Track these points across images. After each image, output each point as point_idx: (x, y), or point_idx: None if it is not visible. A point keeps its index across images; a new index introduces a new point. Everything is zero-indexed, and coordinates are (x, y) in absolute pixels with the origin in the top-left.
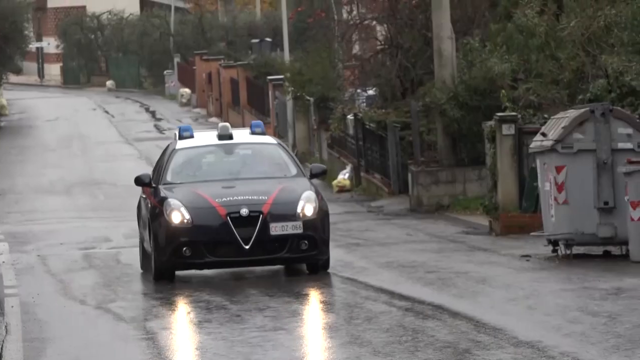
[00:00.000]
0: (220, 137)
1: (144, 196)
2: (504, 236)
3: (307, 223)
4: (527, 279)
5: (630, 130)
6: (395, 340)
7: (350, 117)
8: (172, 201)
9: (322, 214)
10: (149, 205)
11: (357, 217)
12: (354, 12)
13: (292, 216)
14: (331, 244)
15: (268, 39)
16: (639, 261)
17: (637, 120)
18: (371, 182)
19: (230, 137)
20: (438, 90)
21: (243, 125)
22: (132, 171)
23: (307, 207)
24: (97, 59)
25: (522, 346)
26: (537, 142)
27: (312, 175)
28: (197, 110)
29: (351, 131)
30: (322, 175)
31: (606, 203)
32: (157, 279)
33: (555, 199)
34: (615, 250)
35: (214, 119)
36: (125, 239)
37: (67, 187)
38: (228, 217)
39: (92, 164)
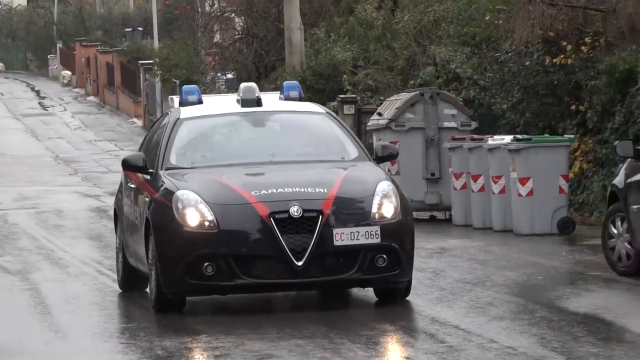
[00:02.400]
0: (243, 103)
1: (131, 185)
2: None
3: (387, 229)
4: None
5: (454, 111)
6: None
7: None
8: (186, 194)
9: (406, 215)
10: (146, 200)
11: None
12: (215, 6)
13: (364, 218)
14: None
15: (140, 28)
16: (460, 225)
17: (461, 103)
18: None
19: (259, 102)
20: (288, 75)
21: (117, 107)
22: (19, 143)
23: (385, 206)
24: None
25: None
26: (374, 121)
27: (379, 159)
28: (77, 90)
29: None
30: (393, 158)
31: (433, 174)
32: (161, 310)
33: (389, 170)
34: (440, 215)
35: (91, 98)
36: (12, 202)
37: None
38: (271, 219)
39: None
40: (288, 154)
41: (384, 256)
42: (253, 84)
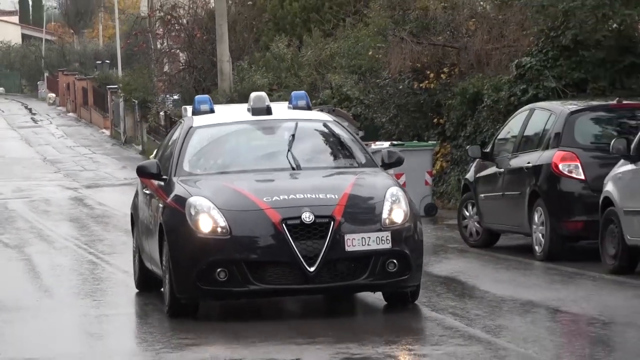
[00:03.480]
0: (254, 112)
1: (146, 191)
2: None
3: (397, 234)
4: None
5: (346, 124)
6: None
7: (162, 113)
8: (198, 200)
9: (415, 221)
10: (160, 205)
11: None
12: (165, 44)
13: (375, 224)
14: None
15: (107, 61)
16: None
17: (351, 117)
18: None
19: (269, 111)
20: (220, 96)
21: (90, 121)
22: (16, 148)
23: (395, 211)
24: None
25: None
26: None
27: (386, 165)
28: (60, 108)
29: (162, 122)
30: (399, 164)
31: None
32: (175, 315)
33: None
34: None
35: (71, 114)
36: (11, 193)
37: None
38: (283, 225)
39: None
40: (301, 161)
41: (395, 261)
42: (263, 93)
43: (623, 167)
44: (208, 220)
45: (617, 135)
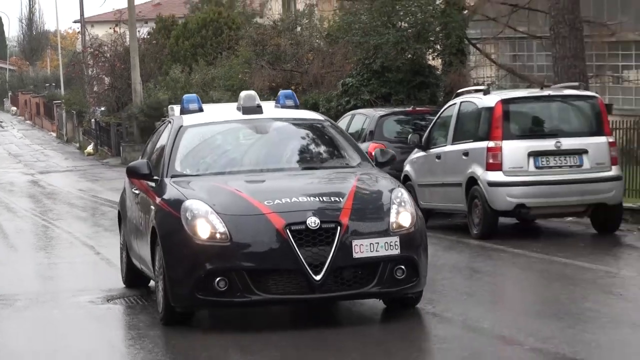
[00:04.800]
0: (245, 110)
1: (135, 191)
2: None
3: (406, 239)
4: None
5: None
6: None
7: (93, 120)
8: (195, 204)
9: (421, 224)
10: (152, 207)
11: (99, 167)
12: (94, 71)
13: (383, 228)
14: None
15: (53, 84)
16: None
17: None
18: (103, 151)
19: (259, 109)
20: (134, 108)
21: (42, 126)
22: None
23: (403, 215)
24: None
25: None
26: None
27: (380, 164)
28: (20, 117)
29: (94, 126)
30: (392, 163)
31: None
32: (169, 323)
33: None
34: None
35: (28, 121)
36: None
37: None
38: (287, 231)
39: None
40: (294, 161)
41: (403, 267)
42: (253, 92)
43: (416, 154)
44: (206, 225)
45: (412, 132)
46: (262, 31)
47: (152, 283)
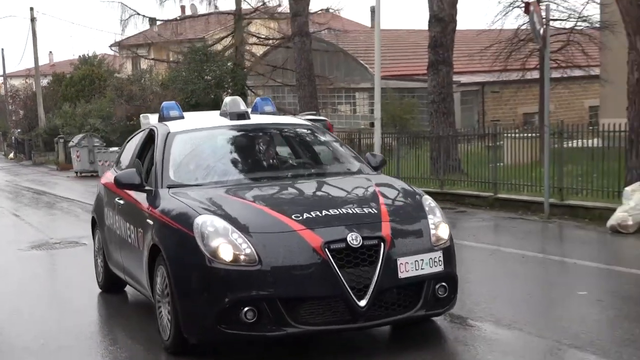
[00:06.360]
0: (233, 116)
1: (120, 201)
2: None
3: (447, 253)
4: None
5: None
6: None
7: (13, 137)
8: (211, 220)
9: (451, 236)
10: (150, 222)
11: (18, 167)
12: (14, 107)
13: (425, 243)
14: None
15: None
16: None
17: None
18: (20, 156)
19: (247, 116)
20: (40, 129)
21: None
22: None
23: (441, 227)
24: None
25: None
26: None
27: (374, 169)
28: None
29: (14, 141)
30: (383, 167)
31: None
32: (178, 353)
33: None
34: None
35: None
36: None
37: None
38: (326, 250)
39: None
40: (297, 168)
41: (445, 285)
42: (238, 97)
43: None
44: (227, 247)
45: None
46: (120, 82)
47: (128, 288)
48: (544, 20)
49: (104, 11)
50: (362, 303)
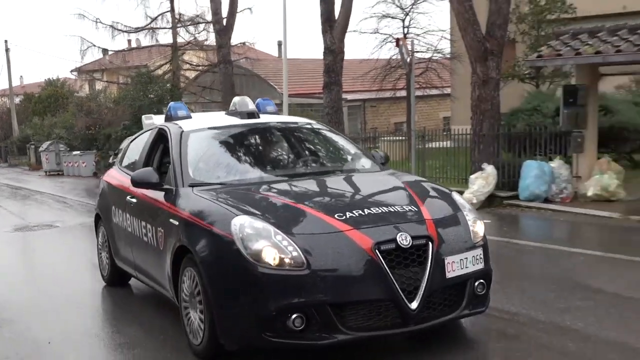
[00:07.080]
0: (243, 115)
1: (132, 199)
2: None
3: (485, 250)
4: None
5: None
6: None
7: None
8: (250, 221)
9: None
10: (174, 221)
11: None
12: None
13: (467, 240)
14: None
15: None
16: None
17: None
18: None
19: (257, 115)
20: (14, 138)
21: None
22: None
23: (478, 224)
24: None
25: None
26: (44, 146)
27: (381, 166)
28: None
29: None
30: (386, 162)
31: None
32: (207, 356)
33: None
34: None
35: None
36: None
37: None
38: (377, 252)
39: None
40: (320, 166)
41: (483, 282)
42: (246, 97)
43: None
44: (271, 250)
45: None
46: (80, 99)
47: (133, 281)
48: (410, 51)
49: (67, 43)
50: (414, 305)
